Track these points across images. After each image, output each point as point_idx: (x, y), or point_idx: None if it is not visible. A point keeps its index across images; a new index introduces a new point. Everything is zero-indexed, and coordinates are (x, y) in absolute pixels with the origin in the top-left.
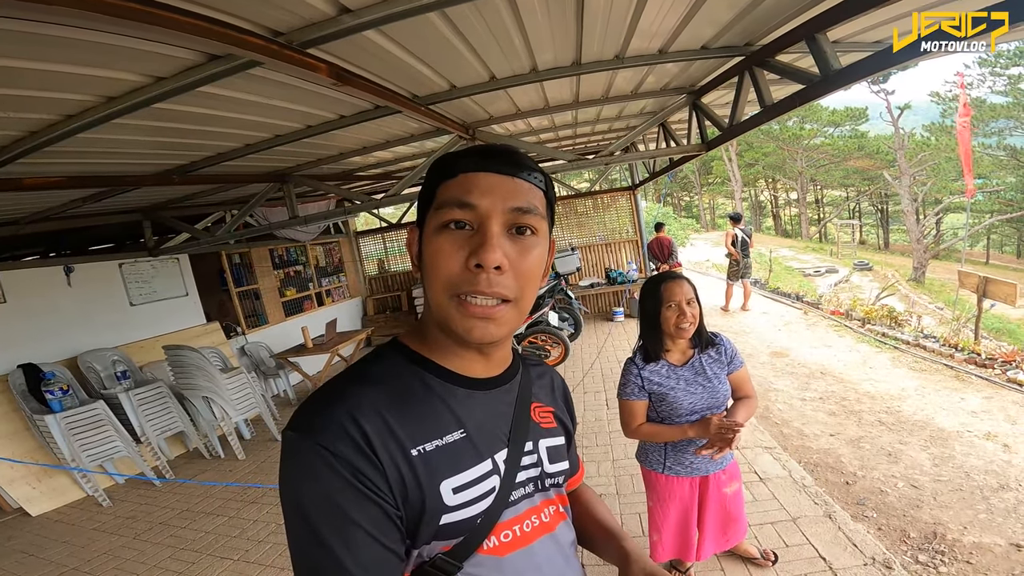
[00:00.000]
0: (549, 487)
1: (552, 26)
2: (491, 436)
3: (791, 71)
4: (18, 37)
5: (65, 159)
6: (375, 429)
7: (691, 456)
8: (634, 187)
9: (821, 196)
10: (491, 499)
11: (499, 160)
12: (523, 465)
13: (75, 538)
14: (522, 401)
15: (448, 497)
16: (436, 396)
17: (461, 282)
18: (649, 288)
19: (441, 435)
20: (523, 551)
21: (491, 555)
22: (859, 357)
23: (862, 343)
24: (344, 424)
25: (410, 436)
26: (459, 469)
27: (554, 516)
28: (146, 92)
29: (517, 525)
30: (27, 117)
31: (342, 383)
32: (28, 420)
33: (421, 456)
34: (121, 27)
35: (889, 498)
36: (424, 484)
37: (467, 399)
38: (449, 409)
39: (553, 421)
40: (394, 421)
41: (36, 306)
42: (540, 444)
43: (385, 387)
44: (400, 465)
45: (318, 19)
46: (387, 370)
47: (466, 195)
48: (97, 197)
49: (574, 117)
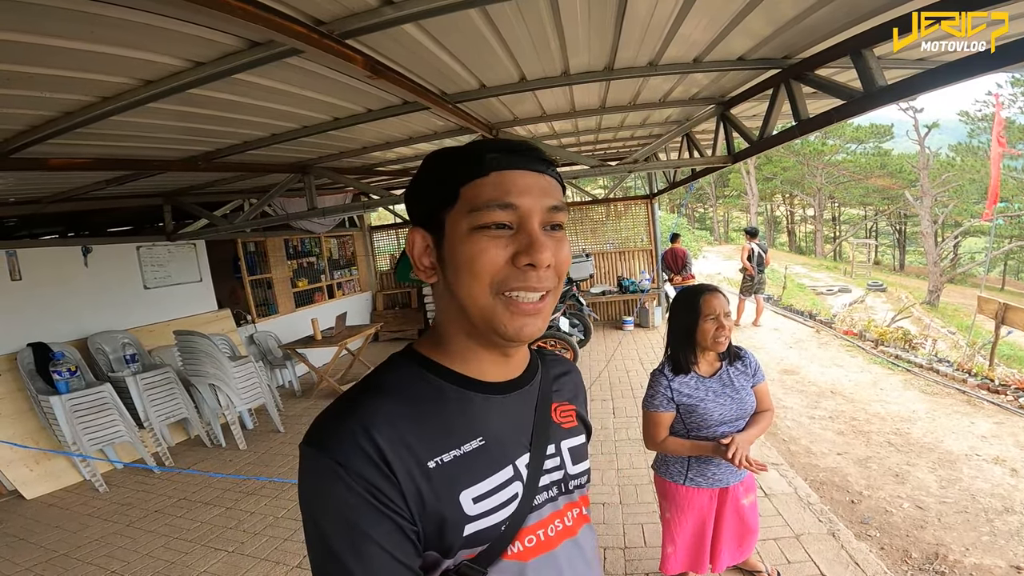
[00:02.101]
0: (572, 489)
1: (591, 29)
2: (512, 442)
3: (831, 86)
4: (68, 15)
5: (94, 141)
6: (389, 442)
7: (714, 468)
8: (652, 196)
9: (838, 214)
10: (515, 505)
11: (529, 157)
12: (546, 469)
13: (68, 523)
14: (543, 402)
15: (469, 507)
16: (453, 405)
17: (509, 280)
18: (686, 299)
19: (459, 445)
20: (546, 556)
21: (515, 560)
22: (870, 378)
23: (874, 364)
24: (358, 438)
25: (426, 448)
26: (479, 478)
27: (577, 520)
28: (183, 77)
29: (541, 530)
30: (64, 98)
31: (356, 395)
32: (33, 400)
33: (439, 468)
34: (175, 9)
35: (894, 518)
36: (443, 496)
37: (485, 405)
38: (467, 417)
39: (575, 420)
40: (409, 433)
41: (51, 285)
42: (563, 445)
43: (400, 397)
44: (416, 478)
45: (360, 9)
46: (402, 380)
47: (506, 196)
48: (121, 180)
49: (598, 123)
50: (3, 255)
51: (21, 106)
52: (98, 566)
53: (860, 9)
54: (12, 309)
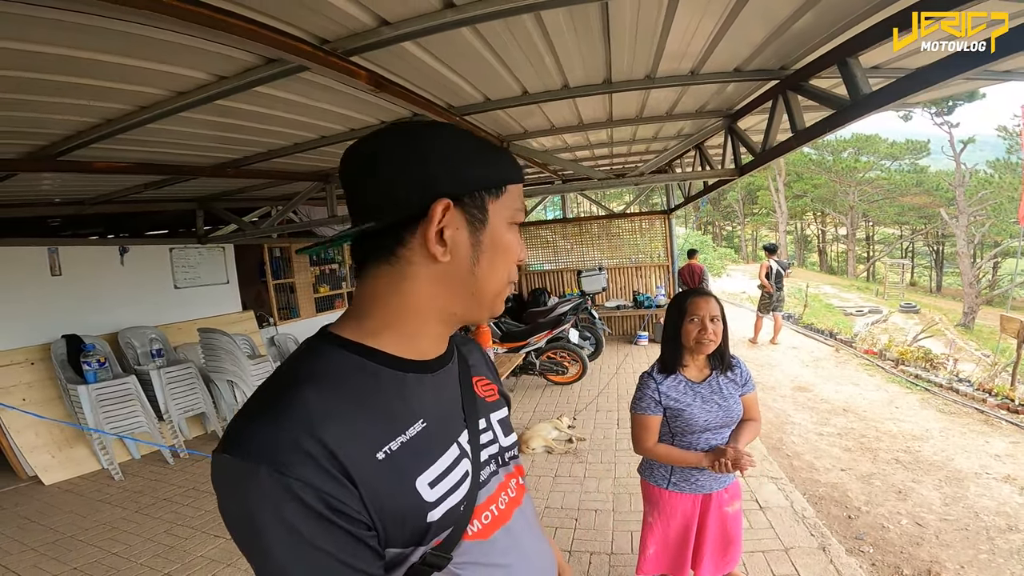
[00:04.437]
0: (508, 461)
1: (580, 44)
2: (450, 419)
3: (823, 96)
4: (103, 32)
5: (133, 146)
6: (337, 441)
7: (697, 474)
8: (669, 211)
9: (872, 233)
10: (467, 484)
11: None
12: (483, 443)
13: (80, 508)
14: (465, 377)
15: (427, 493)
16: (388, 388)
17: (512, 272)
18: (675, 300)
19: (403, 430)
20: (503, 529)
21: (476, 540)
22: (886, 396)
23: (892, 383)
24: (302, 442)
25: (372, 439)
26: (429, 462)
27: (518, 489)
28: (210, 89)
29: (493, 505)
30: (106, 106)
31: (284, 390)
32: (62, 388)
33: (388, 457)
34: (192, 29)
35: (890, 534)
36: (398, 486)
37: (418, 385)
38: (404, 400)
39: (496, 394)
40: (352, 425)
41: (88, 281)
42: (492, 419)
43: (334, 386)
44: (369, 474)
45: (360, 29)
46: (330, 366)
47: (522, 205)
48: (158, 184)
49: (609, 136)
50: (45, 251)
51: (69, 113)
52: (101, 548)
53: (840, 15)
54: (50, 302)
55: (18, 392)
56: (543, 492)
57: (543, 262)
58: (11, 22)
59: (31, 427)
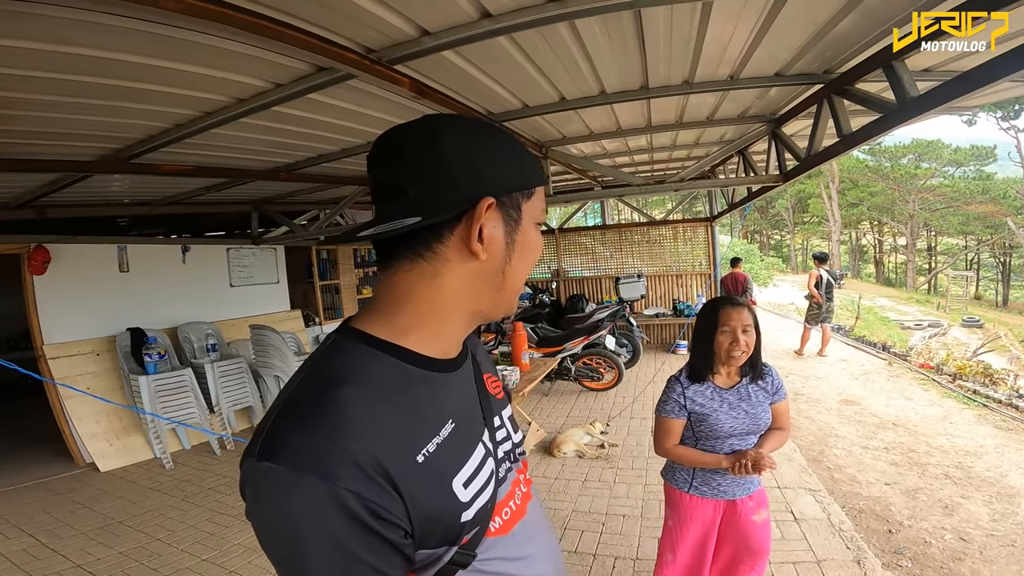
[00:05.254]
0: (518, 457)
1: (615, 51)
2: (473, 419)
3: (869, 99)
4: (172, 41)
5: (196, 150)
6: (379, 448)
7: (719, 478)
8: (712, 218)
9: (934, 243)
10: (493, 482)
11: None
12: (499, 440)
13: (130, 494)
14: (478, 375)
15: (462, 493)
16: (420, 389)
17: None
18: (706, 309)
19: (437, 431)
20: (521, 523)
21: (498, 536)
22: (940, 412)
23: (947, 398)
24: (349, 450)
25: (411, 442)
26: (462, 462)
27: (527, 483)
28: (267, 96)
29: (512, 500)
30: (175, 111)
31: (321, 394)
32: (124, 379)
33: (427, 460)
34: (252, 39)
35: (931, 549)
36: (436, 488)
37: (444, 385)
38: (434, 400)
39: (502, 392)
40: (392, 429)
41: (152, 278)
42: (503, 416)
43: (371, 392)
44: (410, 478)
45: (402, 39)
46: (365, 369)
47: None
48: (218, 187)
49: (649, 141)
50: (115, 249)
51: (143, 118)
52: (146, 533)
53: (884, 17)
54: (118, 297)
55: (83, 381)
56: (572, 496)
57: (582, 268)
58: (88, 30)
59: (92, 415)
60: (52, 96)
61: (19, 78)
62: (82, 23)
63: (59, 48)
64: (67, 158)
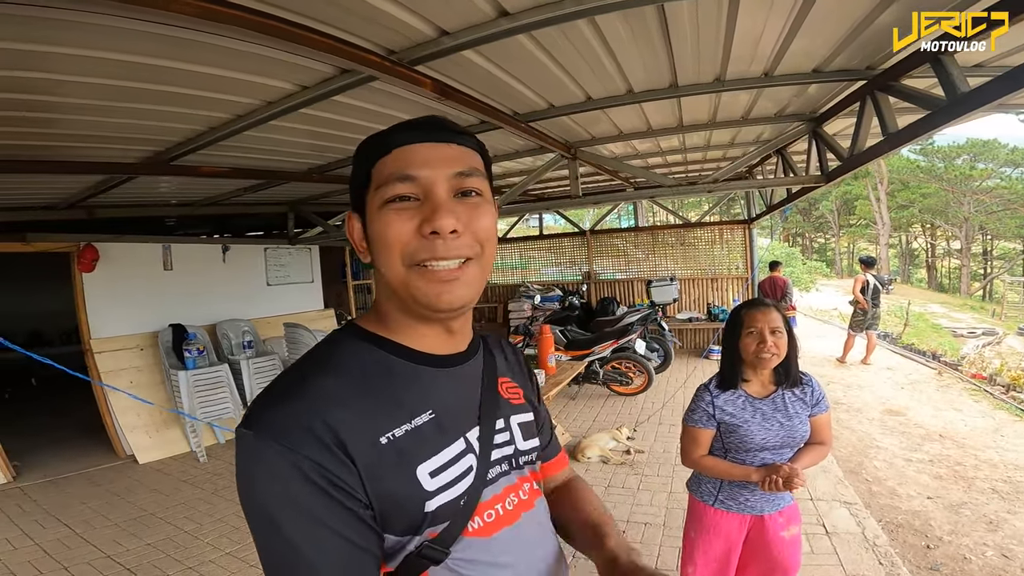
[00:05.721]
0: (523, 464)
1: (640, 48)
2: (461, 414)
3: (916, 96)
4: (200, 46)
5: (232, 152)
6: (341, 423)
7: (747, 493)
8: (749, 221)
9: (990, 247)
10: (470, 479)
11: (430, 128)
12: (497, 443)
13: (164, 487)
14: (489, 376)
15: (427, 482)
16: (400, 378)
17: (418, 251)
18: (732, 313)
19: (410, 419)
20: (508, 529)
21: (477, 537)
22: (992, 424)
23: (1000, 410)
24: (309, 421)
25: (377, 424)
26: (433, 452)
27: (531, 493)
28: (295, 98)
29: (499, 504)
30: (208, 114)
31: (301, 373)
32: (165, 374)
33: (391, 443)
34: (277, 43)
35: (971, 566)
36: (398, 472)
37: (433, 377)
38: (416, 390)
39: (522, 398)
40: (360, 410)
41: (194, 276)
42: (512, 421)
43: (346, 374)
44: (369, 456)
45: (422, 40)
46: (348, 355)
47: (406, 168)
48: (255, 188)
49: (681, 142)
50: (160, 248)
51: (178, 120)
52: (175, 526)
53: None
54: (161, 294)
55: (127, 375)
56: None
57: (614, 271)
58: (117, 36)
59: (133, 408)
60: (93, 100)
61: (61, 83)
62: (115, 29)
63: (96, 54)
64: (111, 160)
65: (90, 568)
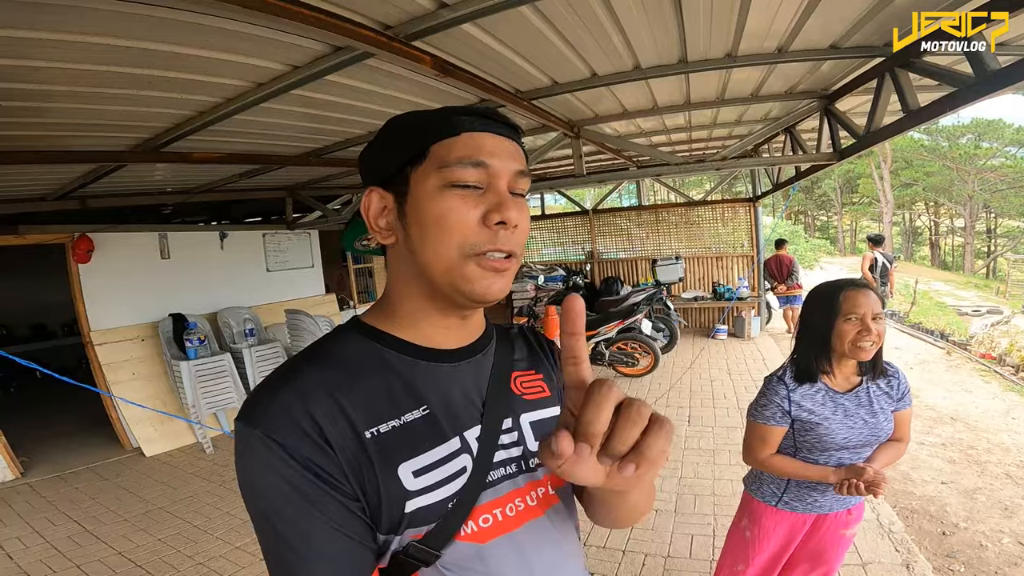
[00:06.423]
0: (535, 467)
1: (650, 22)
2: (462, 412)
3: (941, 73)
4: (184, 26)
5: (224, 137)
6: (325, 413)
7: (816, 494)
8: (754, 199)
9: (994, 225)
10: (463, 480)
11: (500, 122)
12: (502, 444)
13: (173, 480)
14: (499, 372)
15: (409, 481)
16: (394, 372)
17: (481, 241)
18: (823, 294)
19: (399, 414)
20: (506, 537)
21: (470, 542)
22: (1003, 406)
23: (1011, 392)
24: (292, 411)
25: (362, 418)
26: (420, 450)
27: (542, 500)
28: (286, 79)
29: (498, 509)
30: (195, 98)
31: (293, 365)
32: (166, 364)
33: (375, 439)
34: (261, 19)
35: (987, 553)
36: (379, 469)
37: (431, 373)
38: (410, 386)
39: (545, 390)
40: (346, 403)
41: (192, 264)
42: (522, 419)
43: (338, 366)
44: (353, 449)
45: (419, 13)
46: (343, 349)
47: (479, 154)
48: (251, 173)
49: (687, 120)
50: (156, 237)
51: (165, 106)
52: (184, 520)
53: None
54: (159, 283)
55: (129, 366)
56: None
57: (617, 250)
58: (97, 17)
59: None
60: (77, 87)
61: (37, 69)
62: (95, 11)
63: (74, 38)
64: (98, 148)
65: (102, 566)
